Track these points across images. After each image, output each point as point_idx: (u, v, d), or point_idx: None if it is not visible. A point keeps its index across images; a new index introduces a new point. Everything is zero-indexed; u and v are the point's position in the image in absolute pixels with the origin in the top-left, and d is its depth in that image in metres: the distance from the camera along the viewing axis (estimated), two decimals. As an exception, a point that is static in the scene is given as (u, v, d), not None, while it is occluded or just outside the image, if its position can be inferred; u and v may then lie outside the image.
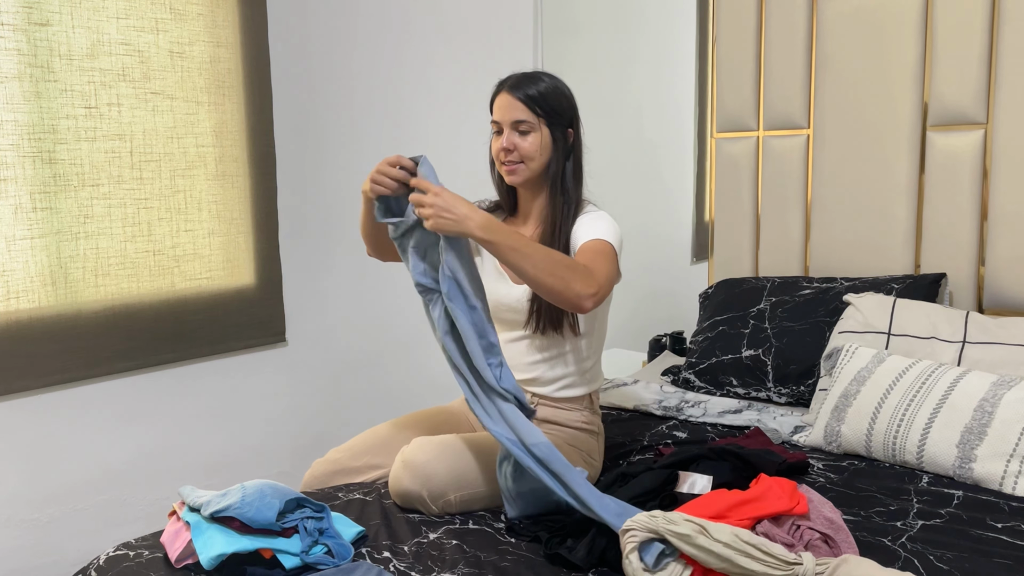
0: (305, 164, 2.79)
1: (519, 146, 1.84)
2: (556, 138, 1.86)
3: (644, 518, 1.31)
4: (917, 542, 1.52)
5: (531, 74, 1.89)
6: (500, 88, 1.88)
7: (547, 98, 1.84)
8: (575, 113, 1.91)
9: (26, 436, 2.19)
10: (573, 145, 1.89)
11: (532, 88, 1.84)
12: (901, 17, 2.48)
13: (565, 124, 1.87)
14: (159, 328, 2.42)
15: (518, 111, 1.83)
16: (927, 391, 1.92)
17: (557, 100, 1.86)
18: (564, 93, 1.89)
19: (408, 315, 3.12)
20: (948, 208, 2.45)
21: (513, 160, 1.85)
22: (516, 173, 1.87)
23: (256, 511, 1.43)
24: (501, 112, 1.86)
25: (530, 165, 1.85)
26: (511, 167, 1.86)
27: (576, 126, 1.91)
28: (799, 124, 2.70)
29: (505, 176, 1.89)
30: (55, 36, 2.15)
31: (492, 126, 1.90)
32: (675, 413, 2.33)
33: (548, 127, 1.85)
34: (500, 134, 1.87)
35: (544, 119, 1.84)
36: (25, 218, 2.13)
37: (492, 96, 1.90)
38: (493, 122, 1.89)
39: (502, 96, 1.86)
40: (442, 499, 1.68)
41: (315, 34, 2.78)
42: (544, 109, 1.84)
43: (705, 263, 3.19)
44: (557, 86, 1.88)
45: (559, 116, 1.86)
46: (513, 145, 1.84)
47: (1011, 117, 2.34)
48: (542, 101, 1.84)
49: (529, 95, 1.83)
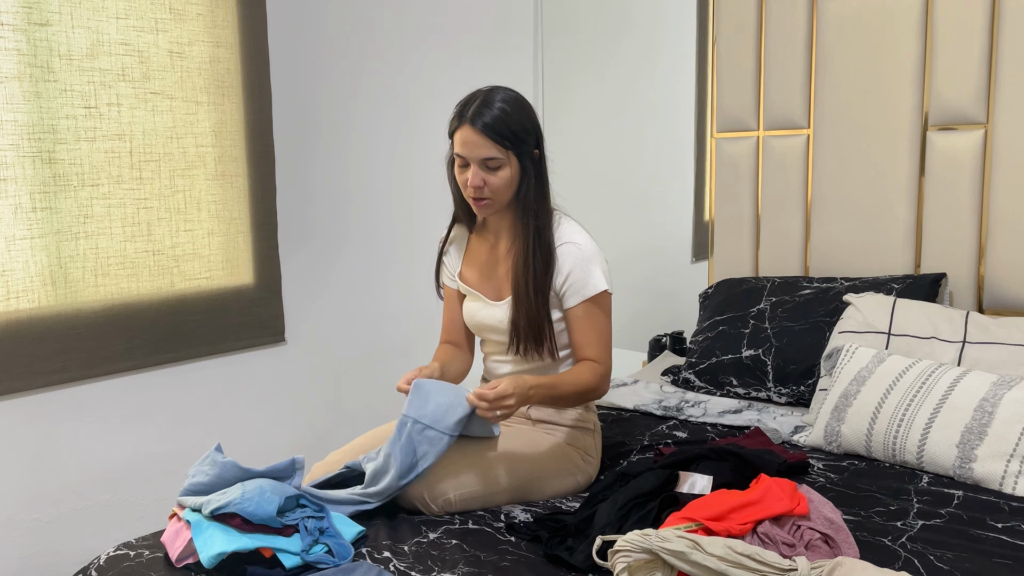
0: (304, 164, 2.79)
1: (489, 182, 1.77)
2: (525, 166, 1.80)
3: (637, 537, 1.29)
4: (917, 542, 1.52)
5: (488, 99, 1.77)
6: (460, 121, 1.78)
7: (511, 127, 1.75)
8: (540, 135, 1.84)
9: (26, 436, 2.19)
10: (539, 162, 1.83)
11: (496, 120, 1.74)
12: (901, 17, 2.48)
13: (531, 147, 1.81)
14: (159, 328, 2.42)
15: (486, 148, 1.75)
16: (927, 391, 1.92)
17: (521, 127, 1.77)
18: (527, 118, 1.80)
19: (408, 315, 3.12)
20: (948, 208, 2.45)
21: (483, 195, 1.79)
22: (487, 207, 1.82)
23: (256, 506, 1.44)
24: (467, 148, 1.76)
25: (499, 200, 1.81)
26: (481, 203, 1.80)
27: (540, 143, 1.84)
28: (799, 124, 2.70)
29: (474, 209, 1.84)
30: (55, 36, 2.15)
31: (456, 157, 1.81)
32: (675, 413, 2.33)
33: (517, 157, 1.78)
34: (466, 167, 1.79)
35: (512, 150, 1.77)
36: (25, 218, 2.13)
37: (451, 127, 1.81)
38: (457, 155, 1.80)
39: (465, 130, 1.76)
40: (442, 498, 1.68)
41: (315, 34, 2.78)
42: (512, 140, 1.76)
43: (705, 263, 3.19)
44: (519, 109, 1.78)
45: (525, 142, 1.79)
46: (483, 181, 1.77)
47: (1011, 117, 2.34)
48: (508, 132, 1.75)
49: (496, 130, 1.74)
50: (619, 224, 3.82)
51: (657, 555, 1.27)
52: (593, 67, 3.75)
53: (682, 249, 4.05)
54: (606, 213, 3.74)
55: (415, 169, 3.10)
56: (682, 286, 3.77)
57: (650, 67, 3.97)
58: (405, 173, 3.09)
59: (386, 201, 3.04)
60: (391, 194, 3.05)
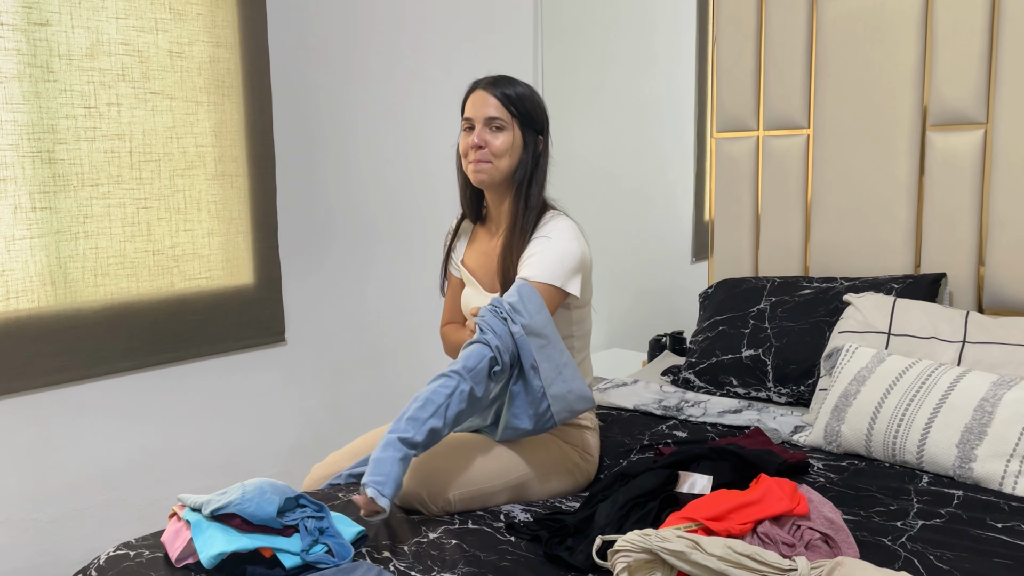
0: (304, 164, 2.79)
1: (490, 143, 1.84)
2: (527, 142, 1.87)
3: (637, 537, 1.29)
4: (917, 542, 1.52)
5: (509, 76, 1.90)
6: (475, 86, 1.89)
7: (523, 100, 1.86)
8: (547, 123, 1.92)
9: (26, 436, 2.19)
10: (541, 153, 1.90)
11: (509, 88, 1.85)
12: (901, 17, 2.48)
13: (537, 130, 1.88)
14: (158, 328, 2.42)
15: (492, 108, 1.84)
16: (927, 391, 1.92)
17: (532, 105, 1.87)
18: (539, 102, 1.90)
19: (408, 315, 3.12)
20: (948, 208, 2.45)
21: (482, 158, 1.84)
22: (483, 171, 1.86)
23: (256, 506, 1.44)
24: (475, 108, 1.86)
25: (498, 164, 1.85)
26: (479, 164, 1.85)
27: (546, 136, 1.91)
28: (799, 124, 2.70)
29: (471, 175, 1.88)
30: (54, 36, 2.15)
31: (463, 123, 1.89)
32: (675, 413, 2.33)
33: (521, 128, 1.86)
34: (471, 131, 1.86)
35: (518, 120, 1.85)
36: (24, 218, 2.13)
37: (465, 95, 1.90)
38: (465, 119, 1.88)
39: (477, 93, 1.87)
40: (441, 498, 1.67)
41: (315, 34, 2.78)
42: (519, 110, 1.85)
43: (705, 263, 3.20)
44: (533, 93, 1.90)
45: (532, 120, 1.87)
46: (484, 142, 1.84)
47: (1011, 117, 2.34)
48: (518, 102, 1.85)
49: (506, 94, 1.84)
50: (619, 224, 3.83)
51: (657, 555, 1.27)
52: (593, 67, 3.76)
53: (682, 249, 4.06)
54: (606, 213, 3.75)
55: (415, 169, 3.11)
56: (682, 286, 3.78)
57: (650, 67, 3.98)
58: (405, 173, 3.09)
59: (386, 201, 3.04)
60: (391, 194, 3.05)
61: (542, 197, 1.91)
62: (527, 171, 1.87)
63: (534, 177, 1.88)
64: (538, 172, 1.89)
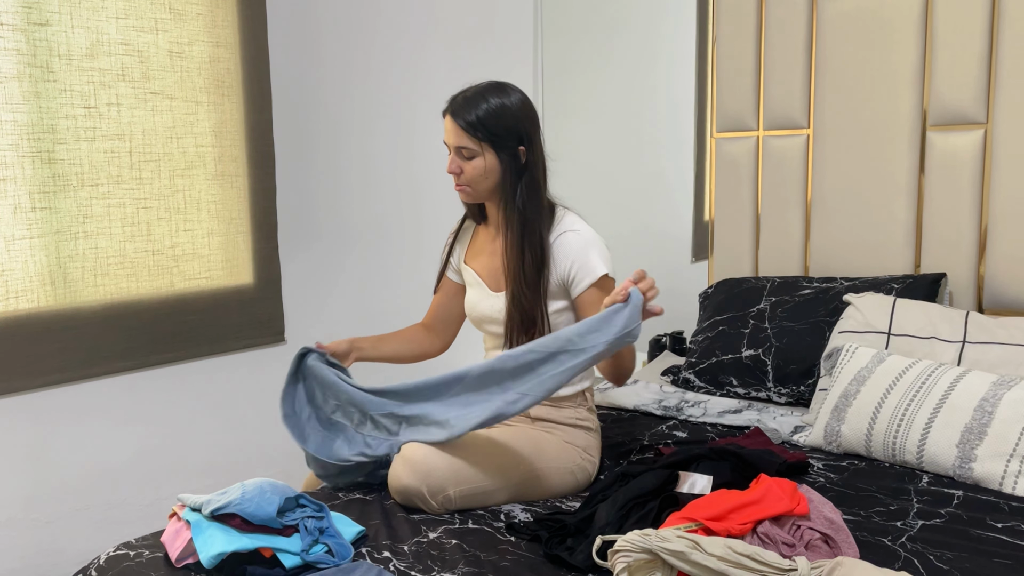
0: (304, 164, 2.79)
1: (464, 169, 1.86)
2: (503, 160, 1.85)
3: (637, 537, 1.29)
4: (917, 542, 1.52)
5: (473, 97, 1.84)
6: (446, 110, 1.88)
7: (486, 123, 1.82)
8: (526, 131, 1.86)
9: (26, 436, 2.19)
10: (526, 163, 1.87)
11: (472, 113, 1.82)
12: (901, 17, 2.48)
13: (513, 144, 1.85)
14: (158, 328, 2.42)
15: (460, 137, 1.84)
16: (927, 391, 1.92)
17: (500, 123, 1.82)
18: (512, 114, 1.84)
19: (408, 315, 3.11)
20: (948, 208, 2.45)
21: (460, 183, 1.89)
22: (465, 194, 1.91)
23: (256, 506, 1.44)
24: (447, 135, 1.88)
25: (477, 188, 1.88)
26: (459, 188, 1.90)
27: (529, 143, 1.87)
28: (799, 124, 2.70)
29: (458, 195, 1.93)
30: (54, 36, 2.15)
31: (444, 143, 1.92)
32: (675, 413, 2.33)
33: (494, 150, 1.84)
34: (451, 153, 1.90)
35: (488, 143, 1.83)
36: (24, 218, 2.13)
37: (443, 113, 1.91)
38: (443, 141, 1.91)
39: (447, 119, 1.87)
40: (441, 494, 1.67)
41: (315, 34, 2.78)
42: (486, 134, 1.82)
43: (705, 263, 3.19)
44: (503, 107, 1.83)
45: (503, 139, 1.84)
46: (459, 168, 1.87)
47: (1011, 117, 2.34)
48: (481, 127, 1.82)
49: (469, 121, 1.82)
50: (619, 224, 3.82)
51: (657, 555, 1.27)
52: (593, 67, 3.75)
53: (682, 249, 4.05)
54: (606, 213, 3.73)
55: (415, 169, 3.11)
56: (682, 286, 3.77)
57: (650, 67, 3.97)
58: (405, 173, 3.09)
59: (386, 201, 3.04)
60: (391, 194, 3.05)
61: (543, 198, 1.90)
62: (512, 185, 1.87)
63: (522, 185, 1.87)
64: (526, 179, 1.87)
